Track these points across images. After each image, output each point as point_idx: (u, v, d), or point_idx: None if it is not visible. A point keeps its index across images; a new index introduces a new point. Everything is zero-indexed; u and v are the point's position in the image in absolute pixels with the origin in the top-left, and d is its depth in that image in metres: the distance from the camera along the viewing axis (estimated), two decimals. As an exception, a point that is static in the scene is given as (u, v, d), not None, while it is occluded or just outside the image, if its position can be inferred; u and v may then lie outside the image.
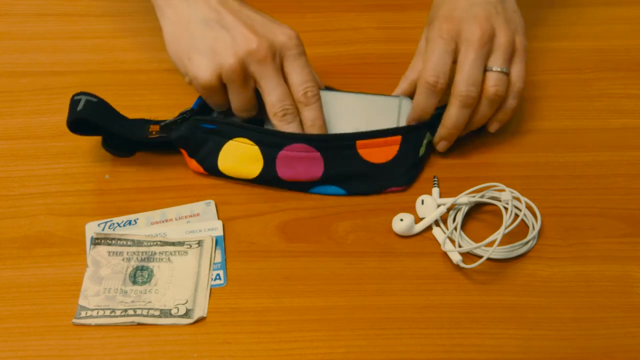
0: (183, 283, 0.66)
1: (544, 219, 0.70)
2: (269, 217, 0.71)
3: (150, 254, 0.68)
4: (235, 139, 0.71)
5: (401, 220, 0.69)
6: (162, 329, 0.64)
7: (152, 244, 0.68)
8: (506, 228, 0.65)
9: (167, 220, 0.70)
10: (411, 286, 0.66)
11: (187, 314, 0.64)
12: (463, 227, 0.70)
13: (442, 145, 0.74)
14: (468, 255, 0.68)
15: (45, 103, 0.79)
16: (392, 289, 0.66)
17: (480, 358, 0.62)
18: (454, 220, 0.70)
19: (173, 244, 0.68)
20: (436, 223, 0.70)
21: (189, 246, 0.68)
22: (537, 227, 0.69)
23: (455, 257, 0.67)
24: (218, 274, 0.67)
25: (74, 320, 0.64)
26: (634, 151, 0.76)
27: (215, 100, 0.72)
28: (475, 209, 0.72)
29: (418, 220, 0.70)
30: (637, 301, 0.66)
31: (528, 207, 0.71)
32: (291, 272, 0.67)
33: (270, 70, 0.69)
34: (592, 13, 0.89)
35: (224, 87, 0.70)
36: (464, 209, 0.70)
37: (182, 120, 0.72)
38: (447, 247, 0.68)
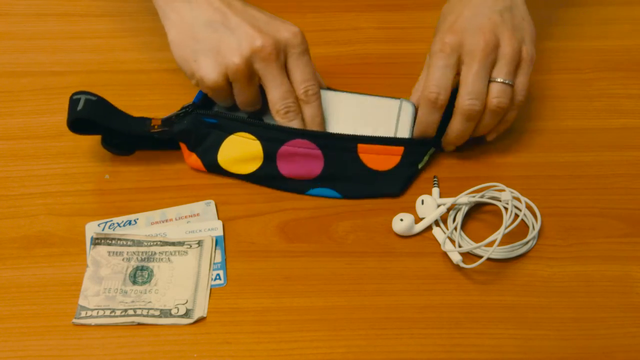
0: (183, 283, 0.66)
1: (544, 219, 0.70)
2: (269, 217, 0.71)
3: (150, 254, 0.68)
4: (236, 133, 0.71)
5: (401, 220, 0.69)
6: (162, 329, 0.64)
7: (152, 244, 0.68)
8: (506, 228, 0.65)
9: (167, 220, 0.70)
10: (411, 286, 0.66)
11: (187, 314, 0.64)
12: (463, 227, 0.70)
13: (447, 149, 0.75)
14: (468, 255, 0.68)
15: (45, 103, 0.79)
16: (392, 289, 0.66)
17: (480, 358, 0.62)
18: (454, 220, 0.70)
19: (173, 244, 0.68)
20: (436, 223, 0.70)
21: (189, 246, 0.68)
22: (537, 227, 0.69)
23: (455, 257, 0.67)
24: (218, 274, 0.67)
25: (74, 320, 0.64)
26: (634, 151, 0.76)
27: (221, 98, 0.72)
28: (475, 209, 0.72)
29: (418, 220, 0.70)
30: (637, 301, 0.66)
31: (528, 207, 0.71)
32: (291, 272, 0.67)
33: (274, 68, 0.69)
34: (592, 13, 0.89)
35: (230, 86, 0.71)
36: (464, 209, 0.70)
37: (185, 114, 0.72)
38: (447, 247, 0.68)
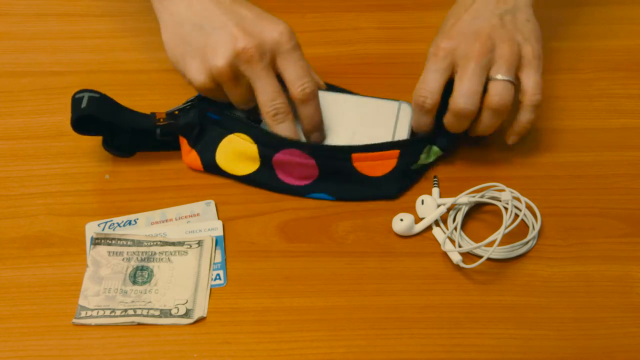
0: (183, 283, 0.66)
1: (544, 219, 0.70)
2: (269, 217, 0.71)
3: (150, 254, 0.68)
4: (236, 133, 0.71)
5: (401, 220, 0.69)
6: (162, 329, 0.64)
7: (152, 244, 0.68)
8: (506, 228, 0.65)
9: (167, 220, 0.70)
10: (411, 286, 0.66)
11: (187, 314, 0.64)
12: (463, 227, 0.70)
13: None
14: (468, 255, 0.68)
15: (45, 103, 0.79)
16: (392, 289, 0.66)
17: (480, 358, 0.62)
18: (454, 220, 0.70)
19: (173, 244, 0.68)
20: (436, 223, 0.70)
21: (189, 246, 0.68)
22: (537, 227, 0.69)
23: (455, 257, 0.67)
24: (218, 274, 0.67)
25: (74, 320, 0.64)
26: (634, 151, 0.76)
27: (214, 97, 0.72)
28: (475, 209, 0.71)
29: (418, 220, 0.70)
30: (637, 301, 0.66)
31: (528, 207, 0.71)
32: (291, 272, 0.67)
33: (258, 70, 0.68)
34: (592, 13, 0.89)
35: (219, 86, 0.70)
36: (464, 209, 0.70)
37: (190, 107, 0.72)
38: (447, 247, 0.68)
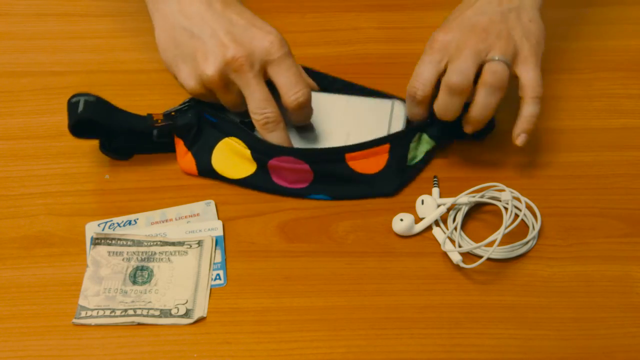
0: (183, 283, 0.66)
1: (544, 219, 0.70)
2: (269, 217, 0.71)
3: (150, 254, 0.68)
4: (231, 137, 0.71)
5: (401, 220, 0.69)
6: (162, 329, 0.64)
7: (152, 244, 0.68)
8: (506, 228, 0.65)
9: (167, 220, 0.70)
10: (411, 286, 0.66)
11: (187, 314, 0.64)
12: (463, 227, 0.70)
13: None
14: (468, 255, 0.68)
15: (45, 103, 0.79)
16: (392, 289, 0.66)
17: (480, 358, 0.62)
18: (454, 220, 0.70)
19: (173, 244, 0.68)
20: (436, 223, 0.70)
21: (189, 246, 0.68)
22: (537, 227, 0.69)
23: (455, 257, 0.67)
24: (218, 274, 0.67)
25: (74, 320, 0.64)
26: (634, 151, 0.76)
27: (207, 99, 0.72)
28: (475, 209, 0.71)
29: (418, 220, 0.70)
30: (637, 301, 0.66)
31: (528, 207, 0.71)
32: (291, 272, 0.67)
33: (248, 79, 0.68)
34: (592, 13, 0.89)
35: (210, 91, 0.70)
36: (464, 209, 0.70)
37: (188, 108, 0.72)
38: (447, 247, 0.68)
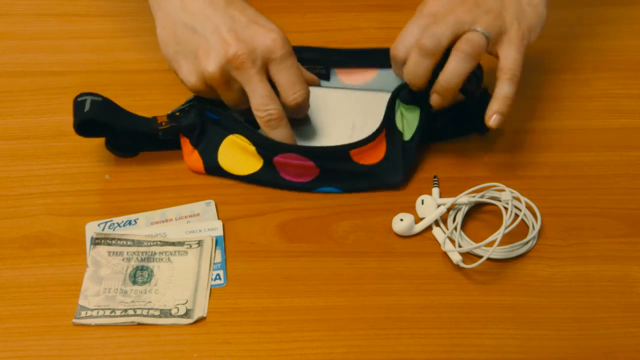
0: (183, 283, 0.66)
1: (544, 219, 0.70)
2: (269, 217, 0.71)
3: (150, 254, 0.68)
4: (235, 134, 0.71)
5: (401, 220, 0.69)
6: (162, 329, 0.64)
7: (152, 244, 0.68)
8: (506, 228, 0.65)
9: (167, 220, 0.70)
10: (411, 286, 0.66)
11: (187, 314, 0.64)
12: (463, 227, 0.70)
13: (413, 88, 0.71)
14: (468, 255, 0.68)
15: (45, 103, 0.79)
16: (392, 289, 0.66)
17: (480, 358, 0.62)
18: (454, 220, 0.70)
19: (173, 244, 0.68)
20: (436, 223, 0.70)
21: (189, 246, 0.68)
22: (537, 227, 0.69)
23: (455, 257, 0.67)
24: (218, 274, 0.67)
25: (74, 320, 0.64)
26: (634, 151, 0.76)
27: (208, 96, 0.71)
28: (475, 209, 0.71)
29: (418, 220, 0.70)
30: (637, 301, 0.66)
31: (528, 207, 0.71)
32: (291, 272, 0.67)
33: (250, 76, 0.68)
34: (592, 13, 0.89)
35: (211, 88, 0.70)
36: (464, 209, 0.70)
37: (190, 108, 0.72)
38: (447, 247, 0.68)
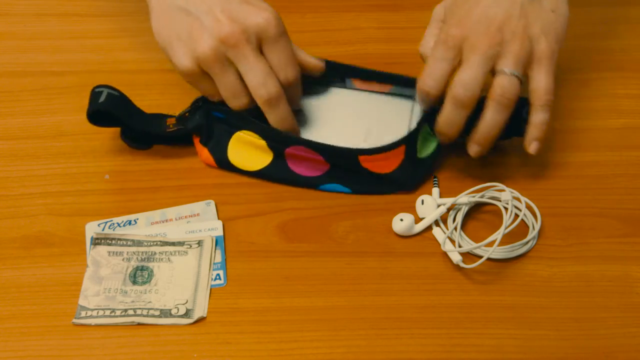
0: (183, 283, 0.66)
1: (544, 219, 0.70)
2: (269, 217, 0.71)
3: (150, 254, 0.68)
4: (243, 131, 0.71)
5: (401, 220, 0.69)
6: (162, 329, 0.64)
7: (152, 244, 0.68)
8: (506, 228, 0.65)
9: (167, 220, 0.70)
10: (411, 286, 0.66)
11: (187, 314, 0.64)
12: (463, 227, 0.70)
13: (441, 139, 0.72)
14: (468, 255, 0.68)
15: (45, 103, 0.79)
16: (392, 289, 0.66)
17: (480, 358, 0.62)
18: (454, 220, 0.70)
19: (173, 244, 0.68)
20: (436, 223, 0.70)
21: (189, 246, 0.68)
22: (537, 227, 0.69)
23: (455, 257, 0.67)
24: (218, 274, 0.67)
25: (74, 320, 0.64)
26: (634, 151, 0.76)
27: (202, 88, 0.71)
28: (475, 209, 0.71)
29: (418, 220, 0.70)
30: (637, 301, 0.66)
31: (528, 207, 0.71)
32: (291, 272, 0.67)
33: (244, 54, 0.67)
34: (592, 13, 0.89)
35: (206, 74, 0.69)
36: (464, 209, 0.70)
37: (196, 109, 0.72)
38: (447, 247, 0.68)
